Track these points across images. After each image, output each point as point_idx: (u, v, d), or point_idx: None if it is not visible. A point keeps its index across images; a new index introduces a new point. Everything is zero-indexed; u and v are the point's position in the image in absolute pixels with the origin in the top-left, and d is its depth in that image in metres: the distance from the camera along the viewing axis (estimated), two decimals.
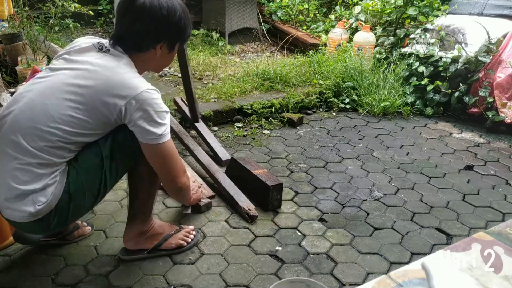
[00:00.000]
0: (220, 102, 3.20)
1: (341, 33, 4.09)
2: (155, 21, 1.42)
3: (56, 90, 1.35)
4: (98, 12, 6.04)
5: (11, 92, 2.63)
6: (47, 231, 1.54)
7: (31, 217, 1.36)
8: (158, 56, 1.50)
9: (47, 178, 1.35)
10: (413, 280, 0.81)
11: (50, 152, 1.34)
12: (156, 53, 1.48)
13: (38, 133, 1.32)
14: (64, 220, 1.45)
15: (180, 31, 1.49)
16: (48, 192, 1.35)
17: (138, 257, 1.68)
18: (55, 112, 1.33)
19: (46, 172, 1.35)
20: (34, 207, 1.34)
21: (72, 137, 1.36)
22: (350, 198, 2.18)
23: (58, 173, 1.37)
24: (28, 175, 1.33)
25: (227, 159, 2.40)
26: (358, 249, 1.78)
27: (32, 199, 1.34)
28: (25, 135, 1.32)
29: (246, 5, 4.97)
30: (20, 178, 1.33)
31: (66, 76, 1.37)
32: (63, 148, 1.36)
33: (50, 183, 1.35)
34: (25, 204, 1.34)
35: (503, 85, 3.06)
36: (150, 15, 1.40)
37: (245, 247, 1.78)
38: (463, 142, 2.92)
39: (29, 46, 3.15)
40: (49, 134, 1.32)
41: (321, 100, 3.44)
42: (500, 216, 2.07)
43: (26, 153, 1.33)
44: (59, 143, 1.34)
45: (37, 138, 1.32)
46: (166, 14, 1.41)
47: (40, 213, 1.36)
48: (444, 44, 3.46)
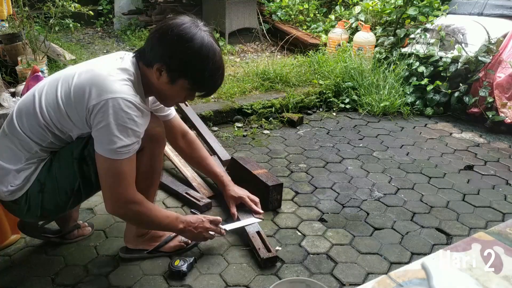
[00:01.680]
0: (220, 102, 3.21)
1: (341, 33, 4.09)
2: (163, 39, 1.35)
3: (58, 80, 1.41)
4: (98, 12, 6.04)
5: (11, 92, 2.63)
6: (21, 215, 1.55)
7: (6, 196, 1.44)
8: (157, 79, 1.39)
9: (25, 162, 1.41)
10: (413, 280, 0.82)
11: (30, 136, 1.39)
12: (154, 74, 1.38)
13: (27, 114, 1.40)
14: (35, 209, 1.46)
15: (185, 65, 1.36)
16: (21, 176, 1.41)
17: (138, 257, 1.68)
18: (46, 98, 1.39)
19: (26, 156, 1.41)
20: (7, 187, 1.42)
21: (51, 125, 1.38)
22: (350, 198, 2.18)
23: (36, 161, 1.43)
24: (10, 153, 1.41)
25: (227, 159, 2.40)
26: (358, 249, 1.78)
27: (9, 179, 1.41)
28: (17, 114, 1.42)
29: (246, 5, 4.97)
30: (3, 155, 1.42)
31: (72, 69, 1.43)
32: (43, 135, 1.39)
33: (25, 167, 1.42)
34: (2, 182, 1.42)
35: (503, 85, 3.06)
36: (163, 32, 1.35)
37: (245, 247, 1.78)
38: (463, 142, 2.92)
39: (29, 46, 3.15)
40: (33, 117, 1.38)
41: (321, 100, 3.44)
42: (500, 216, 2.07)
43: (14, 131, 1.41)
44: (39, 128, 1.38)
45: (25, 119, 1.40)
46: (176, 37, 1.33)
47: (12, 195, 1.43)
48: (444, 44, 3.46)
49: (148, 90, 1.46)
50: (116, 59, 1.43)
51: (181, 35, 1.33)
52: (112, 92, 1.29)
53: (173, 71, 1.37)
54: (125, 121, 1.29)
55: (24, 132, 1.39)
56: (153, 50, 1.37)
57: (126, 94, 1.31)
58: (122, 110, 1.28)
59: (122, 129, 1.29)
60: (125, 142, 1.31)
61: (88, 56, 4.58)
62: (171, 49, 1.35)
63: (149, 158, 1.51)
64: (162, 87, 1.42)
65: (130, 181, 1.38)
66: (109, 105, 1.28)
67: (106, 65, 1.40)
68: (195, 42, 1.34)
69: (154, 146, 1.51)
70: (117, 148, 1.30)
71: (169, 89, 1.42)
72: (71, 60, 3.88)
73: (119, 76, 1.34)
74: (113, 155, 1.31)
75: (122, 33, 5.67)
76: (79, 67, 1.44)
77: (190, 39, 1.33)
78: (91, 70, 1.38)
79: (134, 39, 5.27)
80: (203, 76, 1.39)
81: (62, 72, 1.47)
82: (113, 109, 1.27)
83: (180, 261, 1.61)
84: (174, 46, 1.34)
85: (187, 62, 1.36)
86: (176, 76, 1.38)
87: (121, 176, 1.34)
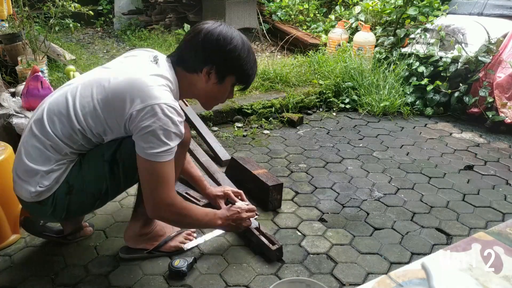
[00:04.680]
0: None
1: (341, 33, 4.09)
2: (207, 43, 1.42)
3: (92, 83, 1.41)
4: (98, 12, 6.04)
5: (11, 92, 2.62)
6: (44, 217, 1.58)
7: (32, 197, 1.42)
8: (205, 83, 1.47)
9: (55, 163, 1.41)
10: (413, 280, 0.82)
11: (61, 138, 1.39)
12: (203, 78, 1.46)
13: (59, 116, 1.39)
14: (60, 211, 1.46)
15: (232, 62, 1.46)
16: (51, 177, 1.41)
17: (138, 256, 1.68)
18: (81, 102, 1.39)
19: (56, 158, 1.40)
20: (35, 187, 1.41)
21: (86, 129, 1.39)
22: (350, 198, 2.18)
23: (66, 162, 1.43)
24: (39, 154, 1.40)
25: (227, 159, 2.40)
26: (358, 249, 1.78)
27: (37, 180, 1.41)
28: (49, 116, 1.41)
29: (246, 5, 4.97)
30: (31, 155, 1.41)
31: (105, 73, 1.44)
32: (74, 139, 1.40)
33: (56, 168, 1.41)
34: (29, 182, 1.41)
35: (503, 85, 3.06)
36: (205, 37, 1.42)
37: (245, 247, 1.78)
38: (463, 142, 2.92)
39: (29, 46, 3.15)
40: (67, 121, 1.38)
41: (321, 100, 3.44)
42: (500, 216, 2.07)
43: (44, 132, 1.40)
44: (71, 131, 1.39)
45: (58, 121, 1.39)
46: (221, 39, 1.42)
47: (40, 196, 1.42)
48: (444, 44, 3.46)
49: (184, 95, 1.52)
50: (149, 61, 1.44)
51: (224, 37, 1.43)
52: (154, 98, 1.32)
53: (222, 71, 1.46)
54: (169, 126, 1.33)
55: (56, 134, 1.39)
56: (198, 55, 1.44)
57: (168, 100, 1.34)
58: (166, 115, 1.32)
59: (167, 133, 1.33)
60: (169, 144, 1.34)
61: (88, 56, 4.59)
62: (218, 50, 1.43)
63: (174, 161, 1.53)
64: (211, 89, 1.50)
65: (171, 184, 1.42)
66: (154, 111, 1.31)
67: (141, 69, 1.40)
68: (236, 40, 1.45)
69: (179, 150, 1.52)
70: (162, 152, 1.34)
71: (218, 89, 1.51)
72: (71, 60, 3.88)
73: (158, 82, 1.37)
74: (157, 158, 1.34)
75: (122, 33, 5.68)
76: (112, 70, 1.44)
77: (231, 38, 1.44)
78: (125, 73, 1.39)
79: (134, 39, 5.27)
80: (247, 69, 1.50)
81: (94, 74, 1.47)
82: (157, 114, 1.31)
83: (180, 261, 1.61)
84: (220, 48, 1.43)
85: (234, 59, 1.46)
86: (224, 75, 1.48)
87: (163, 179, 1.38)
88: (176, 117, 1.34)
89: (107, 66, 1.51)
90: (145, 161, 1.35)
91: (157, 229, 1.71)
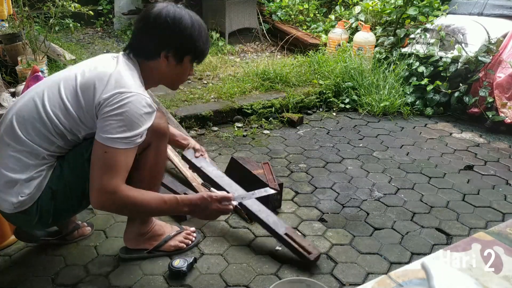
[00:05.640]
0: (220, 102, 3.20)
1: (341, 33, 4.09)
2: (159, 28, 1.42)
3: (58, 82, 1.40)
4: (98, 12, 6.03)
5: (11, 92, 2.62)
6: (30, 226, 1.56)
7: (15, 208, 1.38)
8: (165, 66, 1.47)
9: (34, 170, 1.38)
10: (413, 280, 0.82)
11: (37, 143, 1.37)
12: (162, 62, 1.46)
13: (31, 121, 1.37)
14: (47, 218, 1.43)
15: (186, 42, 1.45)
16: (32, 185, 1.38)
17: (138, 257, 1.68)
18: (50, 103, 1.37)
19: (34, 164, 1.37)
20: (17, 198, 1.37)
21: (60, 127, 1.37)
22: (350, 198, 2.18)
23: (45, 167, 1.40)
24: (16, 163, 1.37)
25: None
26: (358, 249, 1.78)
27: (17, 190, 1.37)
28: (19, 123, 1.38)
29: (246, 5, 4.97)
30: (9, 165, 1.37)
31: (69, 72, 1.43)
32: (50, 140, 1.38)
33: (35, 176, 1.38)
34: (10, 194, 1.37)
35: (503, 85, 3.06)
36: (155, 22, 1.42)
37: (245, 247, 1.78)
38: (463, 142, 2.92)
39: (29, 46, 3.15)
40: (40, 124, 1.36)
41: (321, 100, 3.44)
42: (500, 216, 2.07)
43: (17, 140, 1.37)
44: (46, 133, 1.37)
45: (30, 127, 1.37)
46: (170, 22, 1.41)
47: (23, 205, 1.39)
48: (444, 44, 3.46)
49: (149, 83, 1.51)
50: (111, 59, 1.45)
51: (172, 19, 1.42)
52: (122, 87, 1.33)
53: (178, 51, 1.46)
54: (132, 114, 1.31)
55: (30, 140, 1.37)
56: (152, 42, 1.44)
57: (137, 89, 1.34)
58: (132, 103, 1.31)
59: (127, 120, 1.30)
60: (127, 133, 1.31)
61: (88, 56, 4.59)
62: (170, 33, 1.43)
63: (154, 153, 1.53)
64: (172, 71, 1.50)
65: (120, 173, 1.32)
66: (120, 97, 1.31)
67: (108, 64, 1.41)
68: (185, 19, 1.43)
69: (159, 141, 1.53)
70: (116, 137, 1.30)
71: (178, 70, 1.51)
72: (71, 60, 3.88)
73: (125, 73, 1.37)
74: (110, 142, 1.30)
75: (122, 33, 5.67)
76: (79, 68, 1.44)
77: (180, 18, 1.43)
78: (94, 68, 1.39)
79: None
80: (200, 45, 1.49)
81: (59, 75, 1.47)
82: (123, 101, 1.30)
83: (180, 261, 1.61)
84: (172, 30, 1.42)
85: (187, 39, 1.45)
86: (182, 55, 1.47)
87: (111, 166, 1.30)
88: (143, 107, 1.33)
89: (70, 68, 1.51)
90: (99, 145, 1.31)
91: (155, 228, 1.71)
